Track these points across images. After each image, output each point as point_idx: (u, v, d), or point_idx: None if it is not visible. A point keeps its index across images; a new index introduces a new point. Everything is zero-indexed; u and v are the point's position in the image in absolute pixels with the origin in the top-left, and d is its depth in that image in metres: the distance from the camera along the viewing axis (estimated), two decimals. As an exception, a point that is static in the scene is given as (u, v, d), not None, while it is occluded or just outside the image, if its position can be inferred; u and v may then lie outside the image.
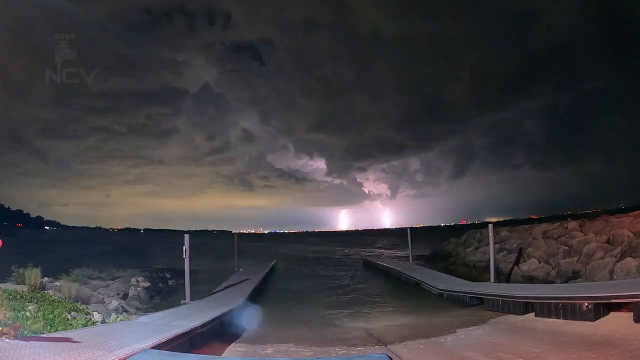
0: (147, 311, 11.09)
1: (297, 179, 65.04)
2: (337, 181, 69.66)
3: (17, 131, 49.46)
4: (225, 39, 56.02)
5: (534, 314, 8.63)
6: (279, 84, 58.30)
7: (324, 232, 75.09)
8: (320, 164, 65.53)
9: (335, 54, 57.08)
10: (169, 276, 17.98)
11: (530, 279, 13.97)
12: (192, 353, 6.35)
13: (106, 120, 53.19)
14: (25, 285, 9.95)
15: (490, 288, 11.25)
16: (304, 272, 23.79)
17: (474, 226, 34.61)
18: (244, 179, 63.68)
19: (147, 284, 14.95)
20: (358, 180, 68.85)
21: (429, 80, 55.12)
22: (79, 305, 9.28)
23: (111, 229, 66.89)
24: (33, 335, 6.03)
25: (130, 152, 58.76)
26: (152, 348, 5.57)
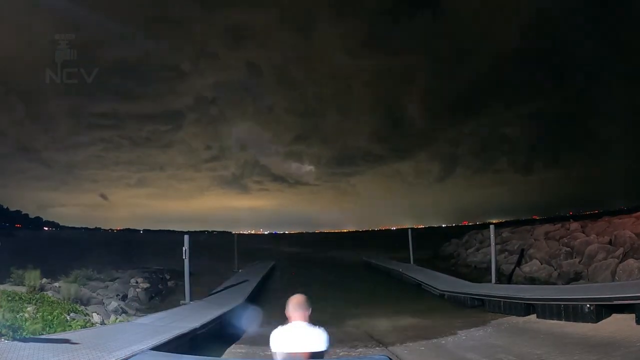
0: (146, 312, 11.04)
1: (289, 183, 67.33)
2: (329, 184, 71.46)
3: (24, 141, 51.31)
4: (215, 75, 63.24)
5: (535, 315, 8.60)
6: (264, 100, 63.99)
7: (323, 232, 75.10)
8: (310, 169, 67.51)
9: (311, 79, 64.91)
10: (168, 277, 17.88)
11: (532, 280, 13.92)
12: (192, 354, 6.31)
13: (109, 132, 55.57)
14: (24, 286, 9.90)
15: (492, 289, 11.21)
16: (304, 272, 23.71)
17: (475, 227, 34.47)
18: (240, 183, 65.87)
19: (146, 285, 14.85)
20: (351, 183, 70.49)
21: (394, 101, 64.98)
22: (77, 306, 9.21)
23: (110, 229, 66.89)
24: (31, 336, 5.99)
25: (132, 159, 60.65)
26: (151, 349, 5.53)
